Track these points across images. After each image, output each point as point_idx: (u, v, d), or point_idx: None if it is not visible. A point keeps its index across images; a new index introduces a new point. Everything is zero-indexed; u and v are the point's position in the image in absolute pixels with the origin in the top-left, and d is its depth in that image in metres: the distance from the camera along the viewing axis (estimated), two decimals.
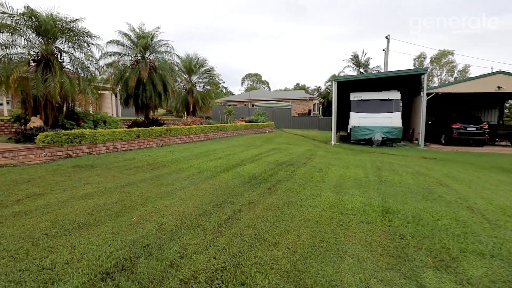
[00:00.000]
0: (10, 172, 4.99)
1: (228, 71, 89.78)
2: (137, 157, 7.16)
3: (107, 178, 5.04)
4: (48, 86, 7.10)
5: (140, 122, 11.34)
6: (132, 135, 8.55)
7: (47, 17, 7.40)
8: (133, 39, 10.76)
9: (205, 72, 17.27)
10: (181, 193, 4.33)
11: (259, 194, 4.39)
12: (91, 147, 7.33)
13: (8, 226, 2.98)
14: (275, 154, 8.86)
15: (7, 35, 7.16)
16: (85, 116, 8.51)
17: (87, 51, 8.19)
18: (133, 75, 10.05)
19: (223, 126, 14.03)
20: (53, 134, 6.51)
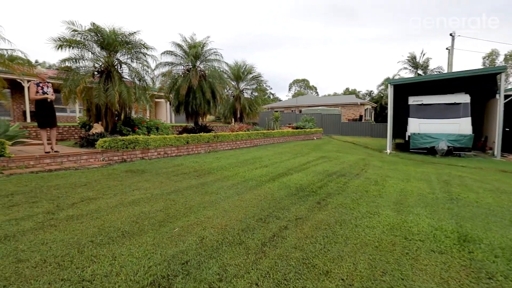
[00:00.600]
0: (71, 175, 5.37)
1: (275, 77, 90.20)
2: (185, 163, 7.28)
3: (155, 184, 5.13)
4: (108, 95, 7.66)
5: (189, 129, 11.71)
6: (181, 141, 8.79)
7: (109, 32, 8.04)
8: (185, 49, 11.24)
9: (252, 78, 17.38)
10: (225, 203, 4.16)
11: (307, 208, 4.01)
12: (143, 152, 7.67)
13: (61, 230, 3.08)
14: (324, 163, 8.33)
15: (77, 50, 7.93)
16: (140, 122, 9.02)
17: (143, 62, 8.71)
18: (184, 83, 10.45)
19: (269, 132, 13.84)
20: (110, 140, 6.93)
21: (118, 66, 8.58)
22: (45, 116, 6.34)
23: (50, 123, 6.42)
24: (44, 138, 6.41)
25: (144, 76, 8.99)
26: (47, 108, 6.33)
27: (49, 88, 6.30)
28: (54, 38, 7.42)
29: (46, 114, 6.35)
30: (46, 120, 6.37)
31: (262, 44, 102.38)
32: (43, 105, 6.26)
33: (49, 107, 6.34)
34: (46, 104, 6.32)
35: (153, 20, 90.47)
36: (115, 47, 7.99)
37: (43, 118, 6.32)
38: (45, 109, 6.33)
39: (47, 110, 6.34)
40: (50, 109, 6.37)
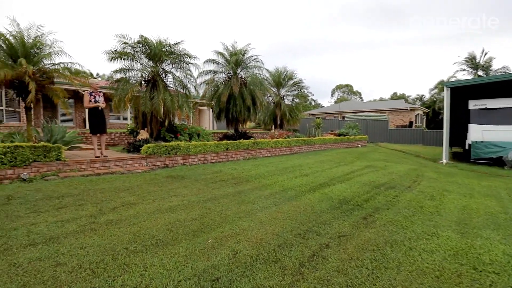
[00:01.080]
0: (116, 179, 5.61)
1: (317, 83, 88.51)
2: (223, 170, 7.25)
3: (192, 190, 5.11)
4: (153, 103, 8.00)
5: (230, 135, 11.80)
6: (221, 148, 8.83)
7: (156, 43, 8.45)
8: (226, 57, 11.44)
9: (293, 84, 17.10)
10: (261, 214, 3.95)
11: (352, 225, 3.62)
12: (185, 158, 7.82)
13: (99, 234, 3.13)
14: (370, 173, 7.71)
15: (127, 61, 8.46)
16: (182, 129, 9.29)
17: (186, 70, 8.99)
18: (225, 90, 10.60)
19: (310, 139, 13.38)
20: (154, 146, 7.18)
21: (163, 75, 8.97)
22: (96, 123, 6.77)
23: (100, 130, 6.83)
24: (95, 144, 6.85)
25: (187, 84, 9.29)
26: (97, 115, 6.75)
27: (100, 97, 6.74)
28: (107, 51, 8.02)
29: (97, 121, 6.78)
30: (97, 127, 6.79)
31: (303, 50, 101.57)
32: (95, 112, 6.70)
33: (99, 114, 6.75)
34: (97, 112, 6.74)
35: (196, 29, 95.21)
36: (160, 57, 8.38)
37: (94, 125, 6.76)
38: (96, 116, 6.75)
39: (98, 118, 6.76)
40: (101, 117, 6.79)
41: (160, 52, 8.21)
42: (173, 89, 9.21)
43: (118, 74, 8.35)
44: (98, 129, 6.81)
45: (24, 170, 5.35)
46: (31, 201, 4.11)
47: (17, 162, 5.25)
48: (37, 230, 3.17)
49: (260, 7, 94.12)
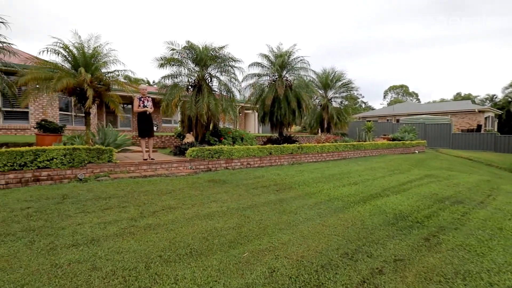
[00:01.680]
0: (161, 182, 5.72)
1: (368, 85, 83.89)
2: (266, 175, 7.02)
3: (233, 196, 4.96)
4: (198, 107, 8.14)
5: (274, 139, 11.57)
6: (264, 152, 8.62)
7: (202, 48, 8.62)
8: (271, 59, 11.26)
9: (342, 86, 16.25)
10: (304, 226, 3.60)
11: (411, 246, 3.09)
12: (227, 162, 7.78)
13: (137, 239, 3.10)
14: (430, 183, 6.81)
15: (175, 67, 8.77)
16: (226, 133, 9.32)
17: (231, 74, 9.02)
18: (270, 93, 10.41)
19: (360, 144, 12.49)
20: (198, 149, 7.25)
21: (209, 79, 9.12)
22: (143, 127, 7.07)
23: (147, 133, 7.12)
24: (143, 147, 7.16)
25: (231, 88, 9.32)
26: (145, 120, 7.05)
27: (148, 102, 7.03)
28: (157, 58, 8.42)
29: (144, 125, 7.07)
30: (144, 131, 7.09)
31: (352, 51, 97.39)
32: (142, 117, 7.01)
33: (147, 119, 7.04)
34: (144, 116, 7.04)
35: (241, 33, 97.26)
36: (206, 62, 8.52)
37: (141, 129, 7.07)
38: (143, 120, 7.06)
39: (145, 122, 7.06)
40: (148, 121, 7.07)
41: (205, 57, 8.36)
42: (218, 93, 9.31)
43: (166, 79, 8.70)
44: (145, 132, 7.11)
45: (80, 170, 5.74)
46: (82, 201, 4.33)
47: (74, 163, 5.66)
48: (81, 230, 3.26)
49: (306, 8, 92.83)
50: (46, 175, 5.42)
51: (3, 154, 5.05)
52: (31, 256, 2.68)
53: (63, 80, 6.09)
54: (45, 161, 5.40)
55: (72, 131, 13.96)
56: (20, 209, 3.90)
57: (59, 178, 5.54)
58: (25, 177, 5.25)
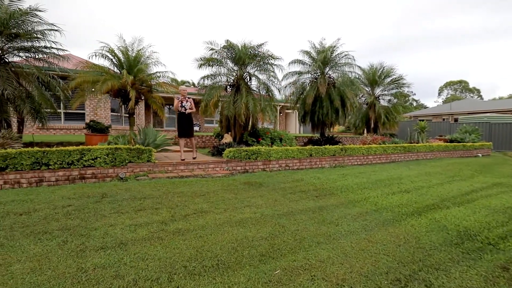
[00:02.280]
0: (196, 183, 5.64)
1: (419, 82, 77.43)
2: (305, 179, 6.58)
3: (268, 201, 4.65)
4: (236, 107, 7.99)
5: (315, 140, 11.01)
6: (304, 154, 8.18)
7: (241, 47, 8.46)
8: (313, 56, 10.69)
9: (391, 82, 14.95)
10: (346, 241, 3.16)
11: (484, 277, 2.48)
12: (265, 163, 7.50)
13: (164, 245, 2.95)
14: (502, 194, 5.77)
15: (215, 67, 8.74)
16: (264, 133, 9.06)
17: (270, 73, 8.71)
18: (311, 91, 9.88)
19: (412, 146, 11.33)
20: (235, 150, 7.09)
21: (248, 78, 8.93)
22: (182, 127, 7.13)
23: (186, 134, 7.15)
24: (181, 147, 7.20)
25: (270, 87, 9.02)
26: (184, 120, 7.09)
27: (187, 102, 7.05)
28: (196, 58, 8.46)
29: (183, 125, 7.12)
30: (183, 131, 7.14)
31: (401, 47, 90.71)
32: (181, 117, 7.07)
33: (185, 119, 7.07)
34: (183, 117, 7.09)
35: (281, 30, 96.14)
36: (244, 61, 8.33)
37: (180, 129, 7.13)
38: (182, 121, 7.11)
39: (184, 122, 7.10)
40: (187, 121, 7.10)
41: (244, 56, 8.17)
42: (256, 92, 9.09)
43: (206, 80, 8.71)
44: (184, 133, 7.15)
45: (121, 169, 5.91)
46: (119, 200, 4.38)
47: (116, 162, 5.84)
48: (112, 232, 3.22)
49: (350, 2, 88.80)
50: (90, 174, 5.65)
51: (54, 153, 5.37)
52: (60, 257, 2.66)
53: (108, 83, 6.36)
54: (90, 160, 5.64)
55: (121, 131, 14.89)
56: (62, 206, 4.04)
57: (102, 176, 5.75)
58: (72, 175, 5.53)
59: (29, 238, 3.03)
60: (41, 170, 5.30)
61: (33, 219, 3.54)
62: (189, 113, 7.08)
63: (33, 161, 5.24)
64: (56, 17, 24.67)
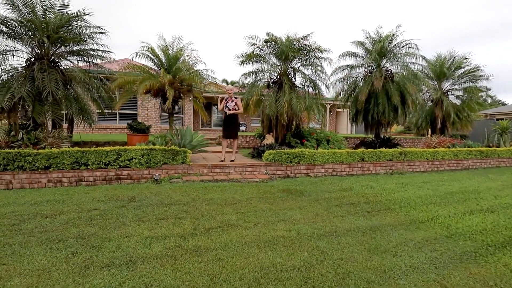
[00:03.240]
0: (229, 189, 5.17)
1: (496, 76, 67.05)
2: (355, 188, 5.68)
3: (308, 215, 3.95)
4: (278, 105, 7.37)
5: (368, 142, 9.81)
6: (355, 158, 7.20)
7: (284, 40, 7.80)
8: (367, 47, 9.46)
9: (464, 74, 12.72)
10: (408, 283, 2.33)
11: None
12: (309, 168, 6.75)
13: (175, 267, 2.49)
14: None
15: (256, 64, 8.24)
16: (309, 134, 8.26)
17: (317, 67, 7.87)
18: (365, 87, 8.73)
19: (491, 150, 9.41)
20: (275, 153, 6.48)
21: (292, 74, 8.24)
22: (224, 128, 6.79)
23: (227, 134, 6.78)
24: (223, 147, 6.85)
25: (317, 83, 8.19)
26: (227, 120, 6.75)
27: (231, 102, 6.67)
28: (237, 55, 8.03)
29: (226, 126, 6.78)
30: (225, 131, 6.79)
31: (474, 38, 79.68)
32: (224, 118, 6.78)
33: (228, 119, 6.72)
34: (226, 117, 6.76)
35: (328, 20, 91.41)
36: (287, 55, 7.64)
37: (224, 129, 6.82)
38: (225, 121, 6.78)
39: (227, 122, 6.75)
40: (229, 122, 6.72)
41: (287, 50, 7.48)
42: (301, 90, 8.34)
43: (247, 77, 8.24)
44: (225, 133, 6.81)
45: (156, 171, 5.73)
46: (144, 206, 4.11)
47: (151, 164, 5.68)
48: (125, 246, 2.88)
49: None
50: (126, 174, 5.57)
51: (92, 153, 5.39)
52: (62, 274, 2.37)
53: (146, 82, 6.28)
54: (126, 160, 5.56)
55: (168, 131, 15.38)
56: (88, 210, 3.89)
57: (137, 177, 5.64)
58: (109, 175, 5.50)
59: (42, 246, 2.84)
60: (81, 170, 5.36)
61: (55, 224, 3.40)
62: (232, 114, 6.69)
63: (73, 160, 5.31)
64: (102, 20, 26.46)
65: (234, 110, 6.67)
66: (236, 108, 6.69)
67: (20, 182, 5.14)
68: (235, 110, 6.68)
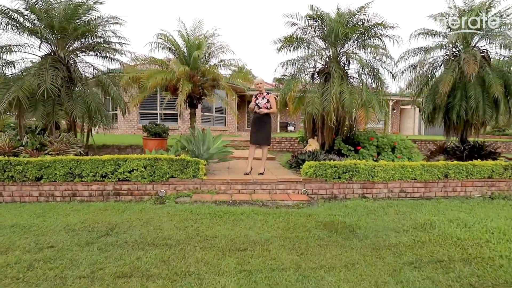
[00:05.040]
0: (247, 218, 3.71)
1: None
2: (438, 223, 3.73)
3: (363, 281, 2.28)
4: (324, 101, 5.66)
5: (449, 149, 7.37)
6: (434, 173, 5.13)
7: (335, 16, 6.00)
8: (450, 22, 6.96)
9: None
10: None
11: None
12: (365, 187, 4.92)
13: None
14: None
15: (297, 49, 6.59)
16: (366, 139, 6.30)
17: (378, 50, 5.87)
18: (448, 75, 6.29)
19: None
20: (317, 166, 4.82)
21: (344, 60, 6.39)
22: (253, 130, 5.44)
23: (256, 140, 5.37)
24: (250, 156, 5.44)
25: (379, 71, 6.20)
26: (255, 121, 5.43)
27: (263, 99, 5.26)
28: (274, 40, 6.48)
29: (254, 128, 5.43)
30: (253, 135, 5.42)
31: None
32: (254, 118, 5.44)
33: (256, 121, 5.38)
34: (255, 117, 5.41)
35: None
36: (337, 35, 5.79)
37: (251, 132, 5.49)
38: (254, 122, 5.46)
39: (256, 124, 5.39)
40: (258, 124, 5.35)
41: (338, 27, 5.64)
42: (356, 81, 6.46)
43: (287, 68, 6.61)
44: (254, 138, 5.41)
45: (162, 186, 4.58)
46: (117, 245, 2.90)
47: (155, 177, 4.54)
48: None
49: None
50: (126, 189, 4.53)
51: (87, 163, 4.45)
52: None
53: (157, 76, 5.18)
54: (125, 172, 4.50)
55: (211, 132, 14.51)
56: (41, 248, 2.83)
57: (139, 194, 4.55)
58: (106, 190, 4.51)
59: None
60: (75, 183, 4.46)
61: None
62: (263, 114, 5.26)
63: (66, 171, 4.44)
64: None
65: (265, 108, 5.21)
66: (268, 106, 5.21)
67: (11, 194, 4.45)
68: (267, 108, 5.21)
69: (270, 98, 5.23)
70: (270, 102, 5.21)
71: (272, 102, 5.21)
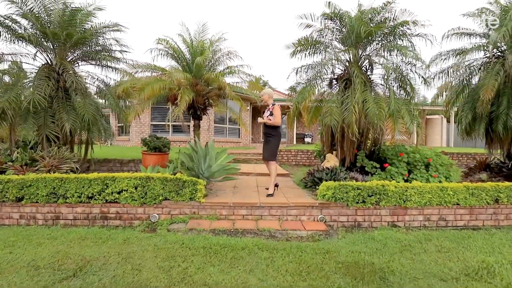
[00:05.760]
0: (247, 257, 2.99)
1: None
2: (496, 267, 2.85)
3: None
4: (344, 110, 4.92)
5: (494, 165, 6.34)
6: (480, 197, 4.21)
7: (355, 16, 5.30)
8: (490, 21, 6.03)
9: None
10: None
11: None
12: (396, 213, 4.09)
13: None
14: None
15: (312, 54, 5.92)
16: (395, 154, 5.42)
17: (406, 51, 5.08)
18: (491, 79, 5.34)
19: None
20: (336, 187, 4.05)
21: (366, 65, 5.64)
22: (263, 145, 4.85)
23: (264, 154, 4.75)
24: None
25: (408, 75, 5.39)
26: (263, 134, 4.84)
27: (267, 111, 4.69)
28: (287, 44, 5.86)
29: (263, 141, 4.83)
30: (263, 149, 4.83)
31: None
32: (262, 131, 4.86)
33: (263, 134, 4.90)
34: (263, 130, 4.83)
35: None
36: (359, 35, 5.06)
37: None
38: (263, 135, 4.87)
39: (263, 137, 4.82)
40: (264, 137, 4.84)
41: (361, 25, 4.89)
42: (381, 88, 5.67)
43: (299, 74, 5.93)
44: (263, 152, 4.81)
45: (154, 210, 3.97)
46: None
47: (147, 199, 3.95)
48: None
49: None
50: (114, 212, 3.96)
51: (72, 182, 3.94)
52: None
53: (153, 86, 4.68)
54: (114, 193, 3.95)
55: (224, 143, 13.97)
56: None
57: (129, 218, 3.97)
58: (92, 213, 3.97)
59: None
60: (58, 204, 3.95)
61: None
62: (267, 127, 4.68)
63: (49, 191, 3.95)
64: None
65: (269, 119, 4.61)
66: (271, 118, 4.59)
67: None
68: (270, 120, 4.60)
69: (274, 109, 4.62)
70: (274, 113, 4.59)
71: (275, 113, 4.59)
